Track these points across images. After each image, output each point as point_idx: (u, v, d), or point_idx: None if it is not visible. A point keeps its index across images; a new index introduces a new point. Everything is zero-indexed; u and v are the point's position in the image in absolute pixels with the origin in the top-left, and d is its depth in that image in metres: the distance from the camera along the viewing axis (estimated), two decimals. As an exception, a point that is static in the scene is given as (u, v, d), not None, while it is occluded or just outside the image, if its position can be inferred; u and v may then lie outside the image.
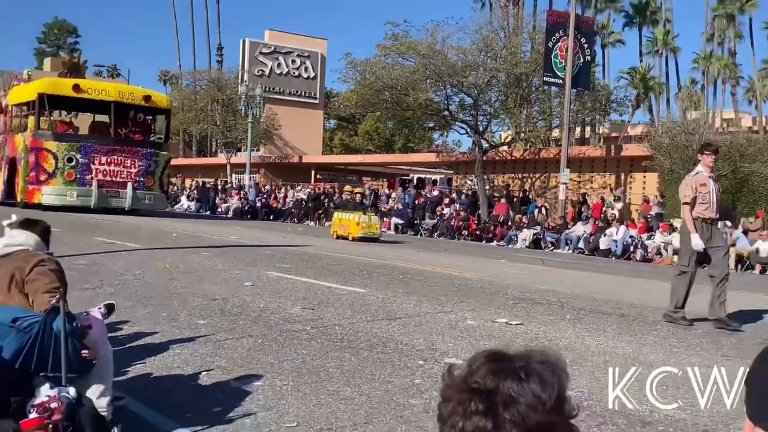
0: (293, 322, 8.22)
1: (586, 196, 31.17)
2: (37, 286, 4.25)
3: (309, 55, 54.24)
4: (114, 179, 27.58)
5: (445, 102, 34.97)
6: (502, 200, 31.52)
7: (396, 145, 66.60)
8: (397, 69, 33.76)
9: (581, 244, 25.20)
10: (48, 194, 26.70)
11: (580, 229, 26.11)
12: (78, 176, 27.10)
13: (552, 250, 25.77)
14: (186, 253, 14.94)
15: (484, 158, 34.21)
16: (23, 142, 27.76)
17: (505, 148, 36.33)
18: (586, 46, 31.38)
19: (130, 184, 27.69)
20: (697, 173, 9.34)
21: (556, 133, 38.73)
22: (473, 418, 1.39)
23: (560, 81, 30.65)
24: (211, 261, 13.71)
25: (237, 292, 10.13)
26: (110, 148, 27.58)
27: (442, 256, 18.74)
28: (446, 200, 33.24)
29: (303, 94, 54.07)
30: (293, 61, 53.76)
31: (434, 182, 42.28)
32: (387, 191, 38.35)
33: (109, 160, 27.54)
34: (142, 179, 28.19)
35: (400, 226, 30.93)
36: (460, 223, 30.17)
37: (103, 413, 4.18)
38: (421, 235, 30.38)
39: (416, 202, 33.18)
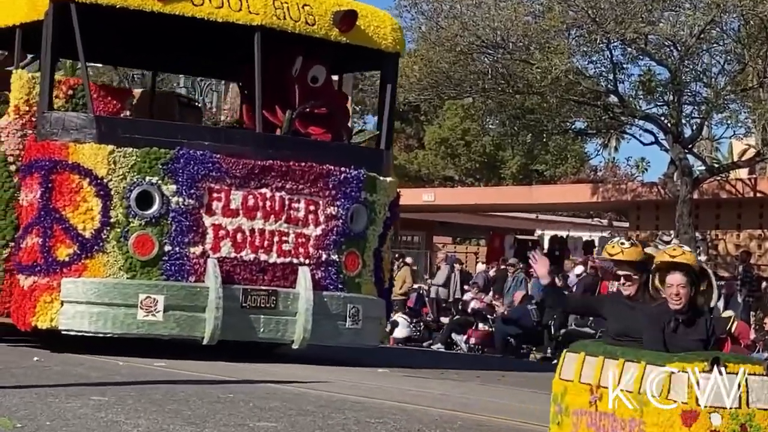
0: None
1: None
2: None
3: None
4: (263, 256, 15.19)
5: (611, 77, 26.11)
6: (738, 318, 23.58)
7: (507, 166, 49.15)
8: (509, 10, 24.61)
9: None
10: (75, 301, 14.15)
11: None
12: (169, 246, 14.53)
13: None
14: (56, 395, 9.55)
15: (696, 195, 26.89)
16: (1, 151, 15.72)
17: (743, 172, 29.19)
18: None
19: (304, 272, 14.93)
20: None
21: None
22: None
23: None
24: (107, 412, 8.87)
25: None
26: (254, 165, 15.02)
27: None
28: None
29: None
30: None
31: (588, 245, 32.43)
32: (483, 265, 30.44)
33: (251, 200, 15.33)
34: (334, 256, 15.40)
35: (512, 340, 23.25)
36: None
37: None
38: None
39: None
